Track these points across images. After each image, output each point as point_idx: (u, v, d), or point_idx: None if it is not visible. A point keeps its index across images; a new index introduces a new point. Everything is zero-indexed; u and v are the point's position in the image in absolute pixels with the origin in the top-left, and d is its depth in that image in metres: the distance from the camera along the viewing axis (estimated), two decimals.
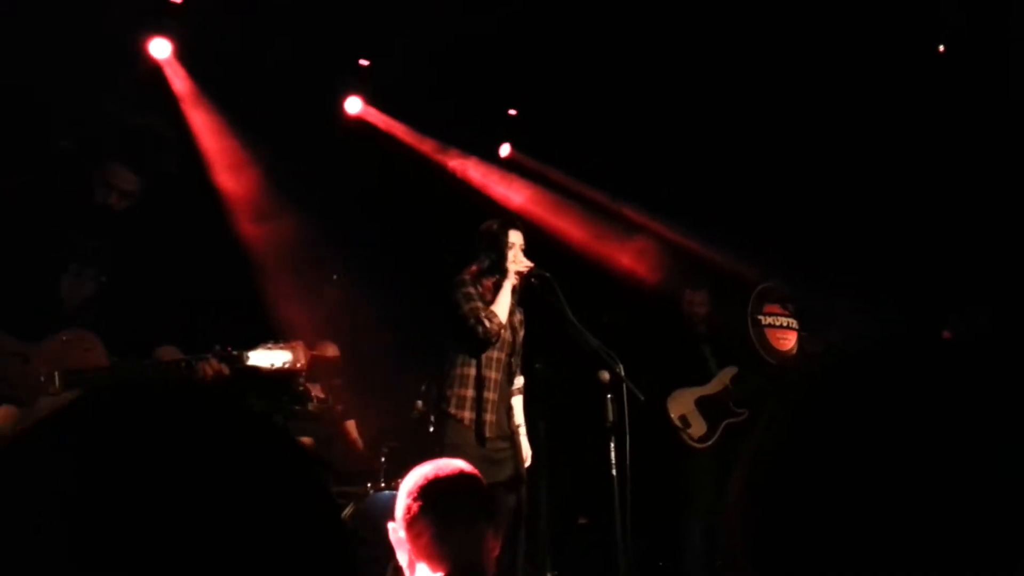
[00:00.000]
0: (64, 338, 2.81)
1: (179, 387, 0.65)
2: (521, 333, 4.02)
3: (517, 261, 3.89)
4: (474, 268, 3.93)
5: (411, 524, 1.76)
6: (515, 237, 3.91)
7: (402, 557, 1.80)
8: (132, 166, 3.05)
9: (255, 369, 2.86)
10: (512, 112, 6.06)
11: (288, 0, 4.76)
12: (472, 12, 4.93)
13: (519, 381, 4.03)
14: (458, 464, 1.89)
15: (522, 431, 3.98)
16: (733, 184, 5.57)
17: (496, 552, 1.83)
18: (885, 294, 4.90)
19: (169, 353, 2.95)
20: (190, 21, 4.79)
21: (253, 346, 2.89)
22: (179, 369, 2.85)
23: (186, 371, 2.84)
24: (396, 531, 1.80)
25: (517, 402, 4.02)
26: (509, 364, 3.92)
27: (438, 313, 4.04)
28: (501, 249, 3.87)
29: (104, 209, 3.00)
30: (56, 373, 2.77)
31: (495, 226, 3.96)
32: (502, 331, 3.83)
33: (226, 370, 2.83)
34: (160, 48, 4.84)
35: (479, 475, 1.89)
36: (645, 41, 5.13)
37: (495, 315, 3.80)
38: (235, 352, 2.86)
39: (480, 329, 3.78)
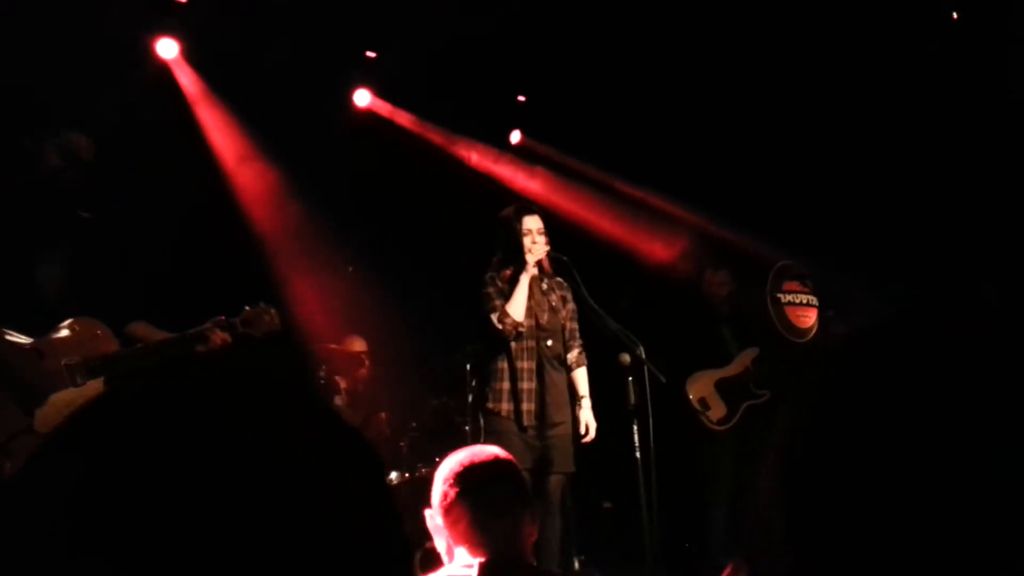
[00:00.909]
0: (74, 327, 2.82)
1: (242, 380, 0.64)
2: (565, 311, 3.98)
3: (532, 248, 3.87)
4: (496, 260, 3.93)
5: (448, 510, 1.76)
6: (530, 223, 3.89)
7: (440, 543, 1.80)
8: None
9: (248, 335, 2.95)
10: (521, 98, 6.04)
11: None
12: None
13: (573, 355, 4.00)
14: (493, 450, 1.89)
15: (585, 403, 3.93)
16: (748, 164, 5.52)
17: (534, 537, 1.83)
18: (902, 273, 4.86)
19: (142, 328, 2.99)
20: (196, 20, 4.79)
21: (235, 315, 2.98)
22: (191, 343, 2.89)
23: (197, 344, 2.88)
24: (433, 517, 1.80)
25: (579, 375, 3.99)
26: (545, 348, 3.90)
27: (463, 309, 4.05)
28: (516, 237, 3.86)
29: (55, 178, 2.93)
30: (77, 364, 2.78)
31: (510, 213, 3.94)
32: (520, 325, 3.82)
33: (229, 338, 2.92)
34: (167, 48, 4.85)
35: (514, 460, 1.89)
36: (654, 24, 5.09)
37: (508, 315, 3.81)
38: (230, 320, 2.95)
39: (497, 329, 3.81)
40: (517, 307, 3.81)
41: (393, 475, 4.37)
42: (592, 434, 3.90)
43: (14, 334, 2.75)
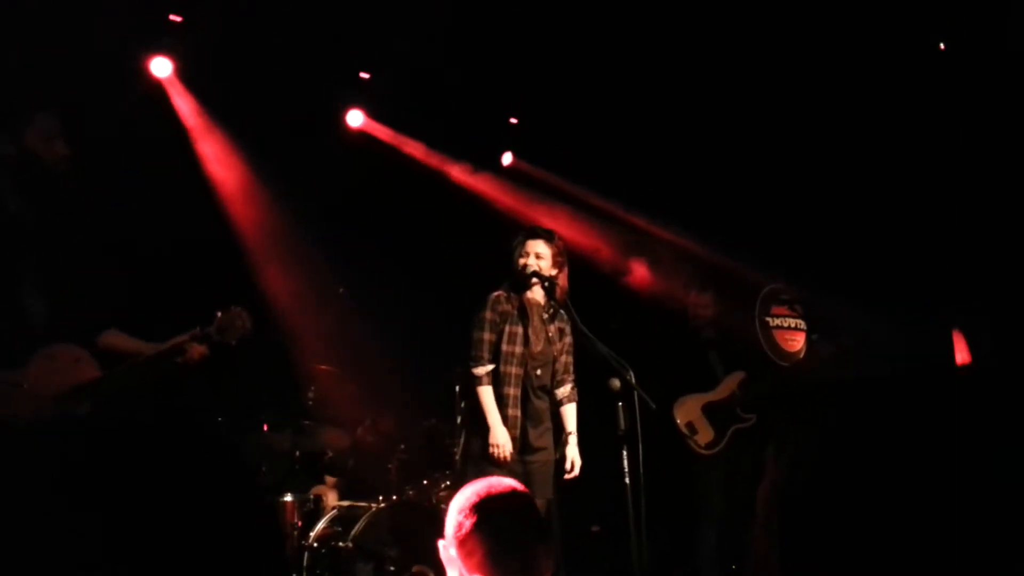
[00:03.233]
0: (51, 355, 2.80)
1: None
2: (560, 343, 4.03)
3: (524, 269, 3.90)
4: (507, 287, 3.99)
5: (463, 542, 1.75)
6: (533, 245, 3.93)
7: (452, 575, 1.78)
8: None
9: (223, 343, 2.97)
10: (513, 120, 6.08)
11: (287, 16, 4.77)
12: (468, 22, 4.94)
13: (565, 389, 4.05)
14: (510, 482, 1.87)
15: (572, 439, 3.98)
16: (735, 186, 5.57)
17: (551, 572, 1.79)
18: (890, 296, 4.90)
19: (113, 337, 2.97)
20: (190, 39, 4.81)
21: (208, 324, 2.98)
22: (169, 356, 2.88)
23: (176, 357, 2.87)
24: (447, 548, 1.78)
25: (568, 410, 4.05)
26: (533, 377, 3.92)
27: (453, 330, 4.06)
28: (515, 258, 3.90)
29: (54, 166, 2.89)
30: (64, 394, 2.75)
31: (519, 235, 3.99)
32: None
33: (206, 350, 2.93)
34: (161, 67, 4.86)
35: (529, 493, 1.87)
36: (644, 45, 5.14)
37: (482, 383, 3.85)
38: (205, 330, 2.96)
39: (470, 373, 3.87)
40: (484, 403, 3.83)
41: (380, 497, 4.36)
42: (576, 471, 3.94)
43: None
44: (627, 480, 3.73)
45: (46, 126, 2.87)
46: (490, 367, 3.87)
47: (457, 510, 1.79)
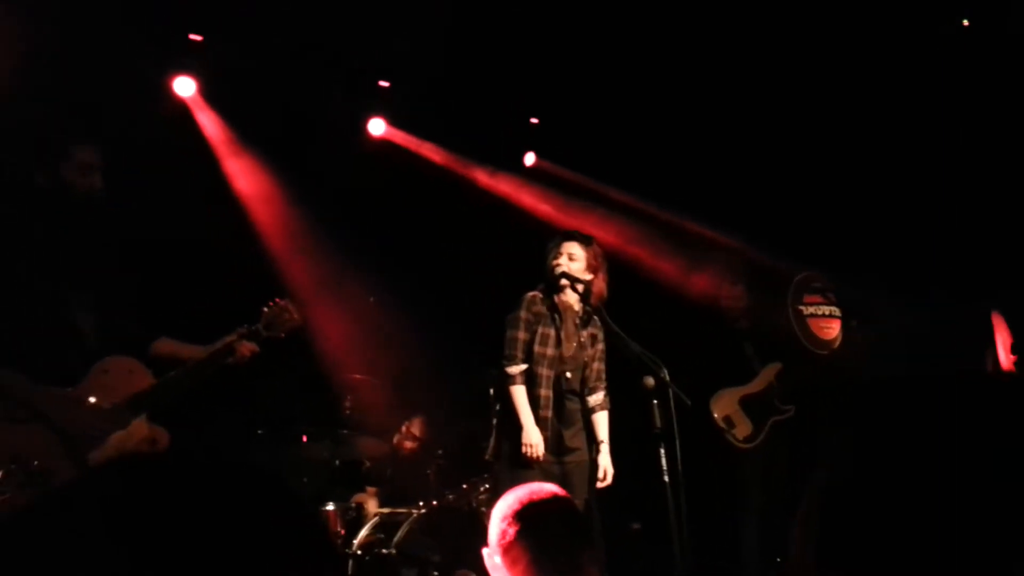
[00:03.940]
0: (105, 368, 2.85)
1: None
2: (592, 350, 4.02)
3: (555, 267, 3.91)
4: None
5: (508, 549, 1.75)
6: (568, 247, 3.94)
7: None
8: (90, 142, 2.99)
9: (272, 337, 2.98)
10: (534, 120, 6.07)
11: (305, 29, 4.81)
12: (485, 22, 4.94)
13: (598, 397, 4.04)
14: (551, 488, 1.86)
15: (604, 447, 3.97)
16: (762, 174, 5.51)
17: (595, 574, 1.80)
18: (924, 281, 4.82)
19: (163, 344, 3.01)
20: (211, 58, 4.87)
21: (256, 321, 2.99)
22: (221, 357, 2.91)
23: (227, 358, 2.90)
24: (491, 556, 1.78)
25: (600, 418, 4.03)
26: (564, 380, 3.92)
27: (487, 333, 4.08)
28: (549, 259, 3.90)
29: (87, 197, 2.92)
30: (119, 406, 2.81)
31: (556, 236, 4.00)
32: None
33: (256, 347, 2.94)
34: (185, 86, 4.92)
35: (570, 497, 1.86)
36: (661, 38, 5.11)
37: (515, 382, 3.85)
38: (253, 327, 2.98)
39: (504, 372, 3.87)
40: (516, 402, 3.84)
41: (420, 503, 4.38)
42: (609, 479, 3.92)
43: (52, 388, 2.77)
44: (666, 478, 3.72)
45: (84, 159, 2.91)
46: (523, 366, 3.87)
47: (500, 518, 1.78)
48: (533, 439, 3.79)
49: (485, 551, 1.79)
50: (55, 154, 2.89)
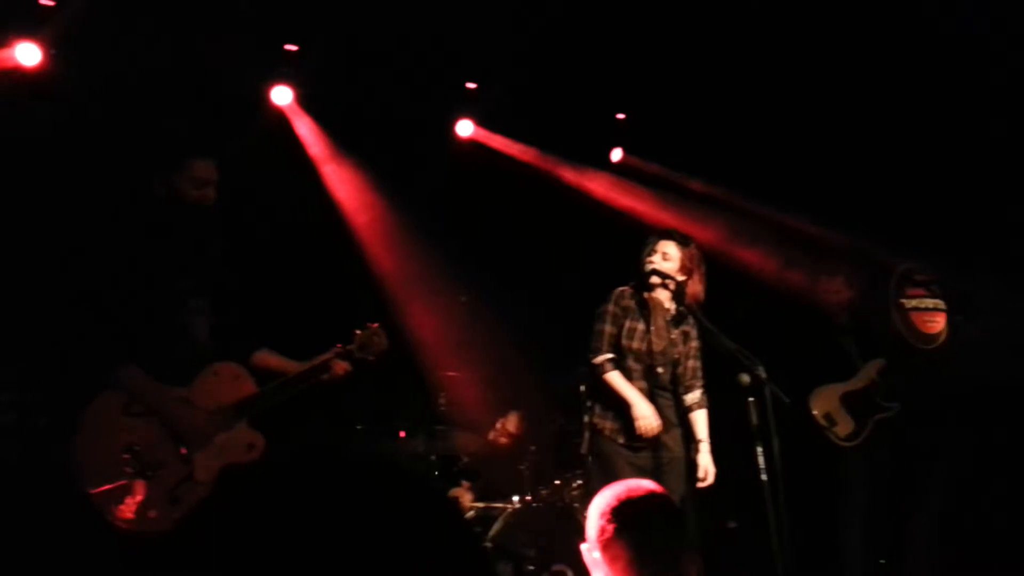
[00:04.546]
0: (215, 372, 3.00)
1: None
2: (685, 347, 4.00)
3: (647, 265, 3.90)
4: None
5: (606, 546, 1.76)
6: (664, 246, 3.93)
7: None
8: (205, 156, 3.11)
9: (363, 359, 3.11)
10: (620, 116, 6.03)
11: (392, 34, 4.92)
12: (569, 19, 4.94)
13: (695, 395, 4.02)
14: (648, 484, 1.87)
15: (704, 447, 3.94)
16: (858, 162, 5.32)
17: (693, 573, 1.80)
18: None
19: (264, 355, 3.16)
20: (306, 66, 5.04)
21: (349, 342, 3.12)
22: (316, 373, 3.03)
23: (322, 374, 3.02)
24: (590, 552, 1.79)
25: (698, 417, 4.01)
26: (654, 375, 3.91)
27: (579, 329, 4.11)
28: (643, 256, 3.91)
29: (200, 208, 3.05)
30: (224, 410, 2.95)
31: (653, 235, 4.01)
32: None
33: (349, 366, 3.08)
34: (282, 95, 5.11)
35: (667, 494, 1.86)
36: (743, 32, 5.00)
37: (606, 374, 3.85)
38: (347, 347, 3.12)
39: (589, 356, 3.89)
40: (615, 384, 3.85)
41: (515, 498, 4.44)
42: (710, 479, 3.87)
43: (166, 386, 2.93)
44: (763, 477, 3.65)
45: (198, 172, 3.06)
46: (610, 355, 3.88)
47: (598, 514, 1.79)
48: (644, 411, 3.76)
49: (584, 546, 1.81)
50: (171, 166, 3.05)
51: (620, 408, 3.86)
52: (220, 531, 0.68)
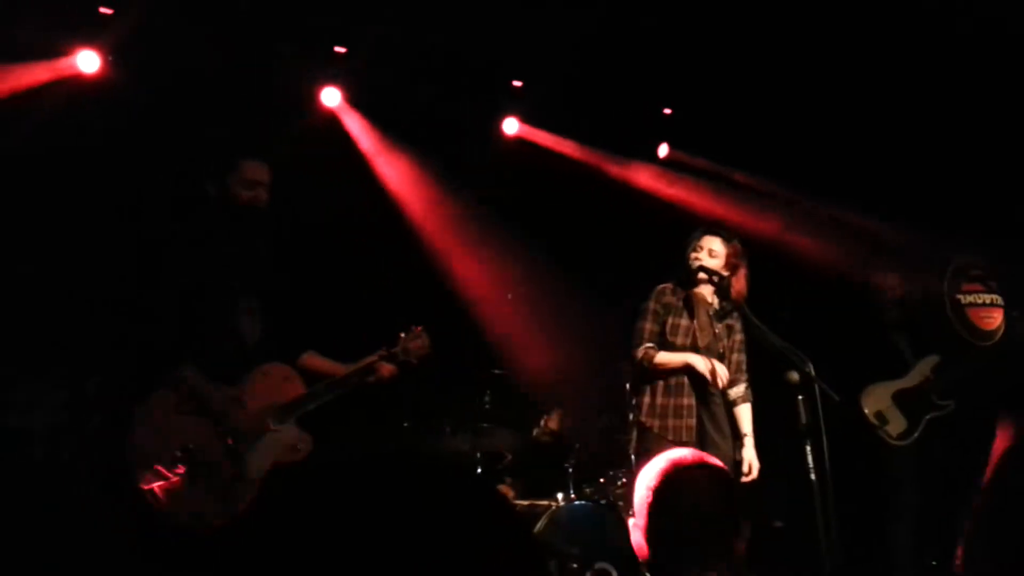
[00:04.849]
0: (267, 373, 3.05)
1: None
2: (730, 341, 3.98)
3: (694, 262, 3.88)
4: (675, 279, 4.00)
5: (648, 515, 1.72)
6: (708, 242, 3.91)
7: (639, 544, 1.75)
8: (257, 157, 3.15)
9: (407, 362, 3.13)
10: (667, 111, 5.99)
11: (438, 36, 4.97)
12: (614, 16, 4.92)
13: (739, 389, 4.00)
14: (698, 453, 1.80)
15: (748, 441, 3.93)
16: (911, 152, 5.19)
17: (741, 548, 1.75)
18: None
19: (312, 357, 3.23)
20: (355, 68, 5.12)
21: (394, 344, 3.14)
22: (363, 375, 3.08)
23: (368, 376, 3.07)
24: (635, 527, 1.74)
25: (742, 411, 4.00)
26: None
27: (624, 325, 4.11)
28: (688, 252, 3.89)
29: (251, 209, 3.09)
30: (274, 410, 3.02)
31: (698, 230, 3.98)
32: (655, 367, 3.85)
33: (395, 369, 3.10)
34: (331, 96, 5.20)
35: (720, 465, 1.79)
36: (790, 26, 4.91)
37: (651, 361, 3.85)
38: (391, 350, 3.14)
39: (636, 359, 3.88)
40: (663, 364, 3.84)
41: (559, 496, 4.45)
42: (755, 473, 3.84)
43: (218, 385, 2.99)
44: (812, 476, 3.61)
45: (250, 173, 3.12)
46: (650, 344, 3.88)
47: (644, 485, 1.74)
48: (699, 362, 3.76)
49: (631, 521, 1.77)
50: (224, 167, 3.12)
51: (667, 406, 3.84)
52: (271, 528, 0.71)
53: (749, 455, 3.89)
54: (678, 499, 1.69)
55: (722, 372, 3.78)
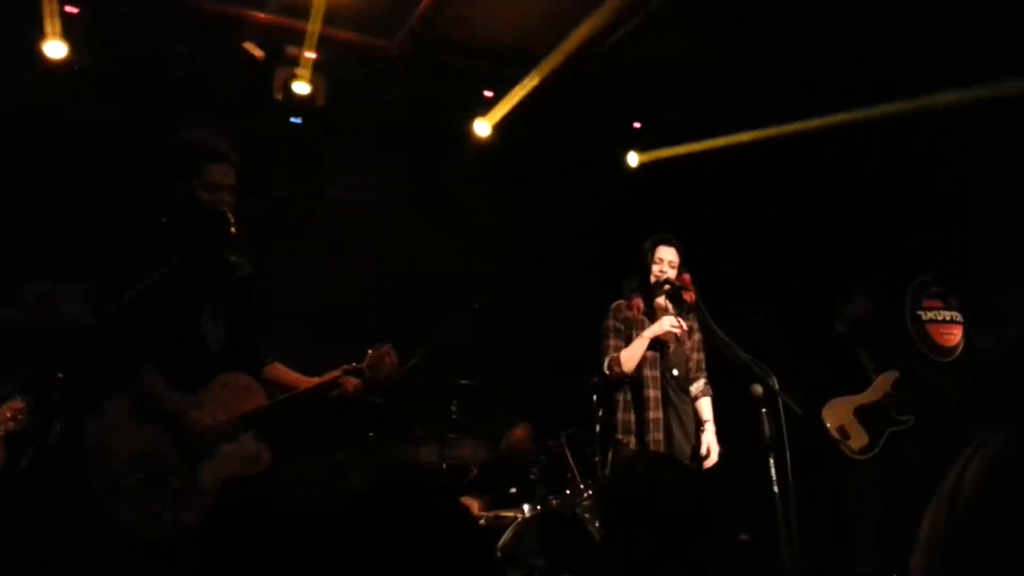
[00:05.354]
0: (225, 383, 2.97)
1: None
2: (690, 341, 4.05)
3: (659, 277, 3.92)
4: (628, 289, 4.04)
5: None
6: (663, 253, 3.96)
7: None
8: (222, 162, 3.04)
9: (374, 377, 3.07)
10: (636, 125, 6.05)
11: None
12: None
13: (698, 385, 4.07)
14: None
15: (709, 427, 4.00)
16: (872, 176, 5.29)
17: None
18: None
19: (275, 369, 3.17)
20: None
21: (361, 359, 3.09)
22: (327, 389, 3.03)
23: (332, 391, 3.02)
24: None
25: (703, 404, 4.08)
26: (671, 378, 3.92)
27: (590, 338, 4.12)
28: (647, 265, 3.92)
29: (215, 212, 2.99)
30: (233, 421, 2.94)
31: (647, 243, 4.01)
32: (627, 376, 3.88)
33: (360, 384, 3.06)
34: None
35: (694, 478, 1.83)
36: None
37: (619, 364, 3.88)
38: (358, 366, 3.07)
39: (605, 375, 3.93)
40: (630, 358, 3.87)
41: (525, 508, 4.43)
42: (714, 457, 3.88)
43: (177, 393, 2.92)
44: (775, 488, 3.63)
45: (213, 177, 3.05)
46: (613, 354, 3.92)
47: None
48: (660, 326, 3.86)
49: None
50: (190, 171, 3.05)
51: (638, 420, 3.86)
52: (227, 538, 0.69)
53: (708, 439, 3.97)
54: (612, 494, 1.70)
55: (672, 320, 3.84)
